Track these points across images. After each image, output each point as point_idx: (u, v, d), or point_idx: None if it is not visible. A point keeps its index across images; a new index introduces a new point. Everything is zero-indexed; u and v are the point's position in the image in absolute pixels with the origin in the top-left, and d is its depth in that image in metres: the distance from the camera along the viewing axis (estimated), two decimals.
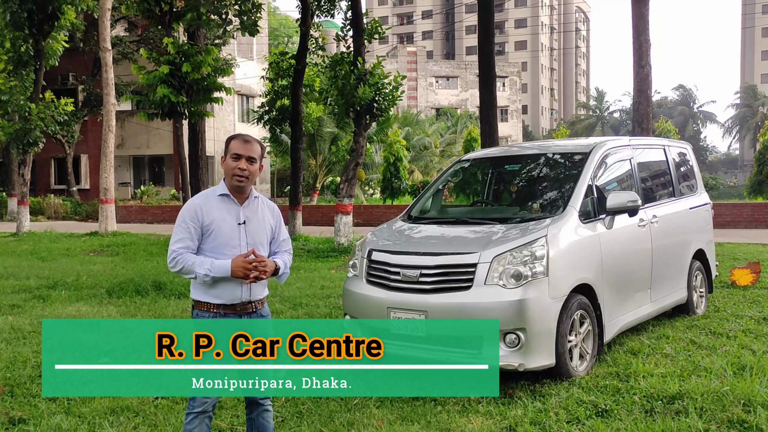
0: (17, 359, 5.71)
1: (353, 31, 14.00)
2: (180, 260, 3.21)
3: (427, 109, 57.23)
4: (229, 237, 3.26)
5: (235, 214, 3.30)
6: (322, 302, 8.10)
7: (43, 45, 19.24)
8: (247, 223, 3.31)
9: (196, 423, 3.26)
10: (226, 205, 3.30)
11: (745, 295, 7.93)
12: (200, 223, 3.25)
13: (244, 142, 3.29)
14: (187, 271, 3.21)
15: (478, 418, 4.29)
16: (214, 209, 3.28)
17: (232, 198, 3.32)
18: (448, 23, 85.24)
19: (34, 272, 10.99)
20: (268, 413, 3.46)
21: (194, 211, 3.26)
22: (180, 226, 3.27)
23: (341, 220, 13.83)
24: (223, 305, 3.25)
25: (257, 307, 3.34)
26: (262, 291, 3.37)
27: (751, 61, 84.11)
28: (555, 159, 6.26)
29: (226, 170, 3.28)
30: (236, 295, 3.25)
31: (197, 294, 3.29)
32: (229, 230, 3.26)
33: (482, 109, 13.12)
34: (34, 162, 22.13)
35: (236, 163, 3.25)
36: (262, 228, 3.36)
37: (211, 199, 3.31)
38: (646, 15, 11.78)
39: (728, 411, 4.17)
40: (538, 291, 4.75)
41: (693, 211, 7.16)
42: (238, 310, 3.27)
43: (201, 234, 3.26)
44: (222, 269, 3.17)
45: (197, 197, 3.36)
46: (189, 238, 3.24)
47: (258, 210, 3.38)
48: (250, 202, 3.36)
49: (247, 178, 3.27)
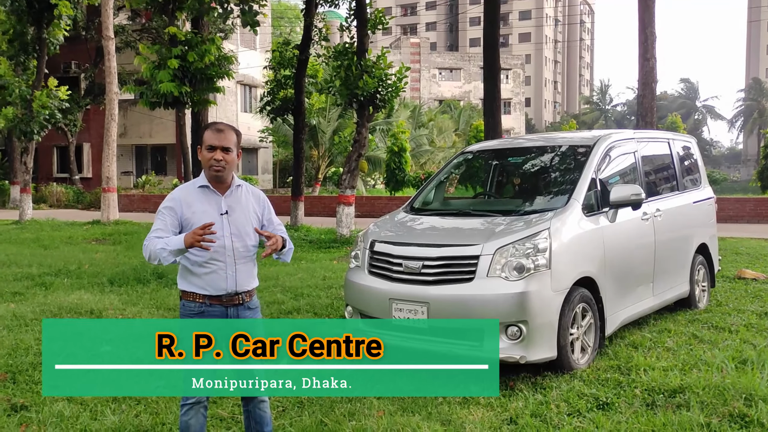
0: (19, 346, 5.72)
1: (357, 22, 13.94)
2: (148, 245, 3.18)
3: (430, 101, 57.07)
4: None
5: (216, 204, 3.26)
6: (323, 293, 8.10)
7: (45, 33, 19.18)
8: (230, 212, 3.26)
9: (191, 414, 3.26)
10: (207, 197, 3.27)
11: (747, 290, 7.92)
12: (178, 215, 3.22)
13: (217, 131, 3.23)
14: (153, 253, 3.14)
15: (479, 409, 4.29)
16: (195, 201, 3.25)
17: (212, 189, 3.28)
18: (452, 14, 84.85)
19: (36, 260, 11.00)
20: (264, 404, 3.45)
21: (172, 203, 3.24)
22: (158, 218, 3.25)
23: (343, 211, 13.83)
24: (208, 296, 3.22)
25: (244, 299, 3.29)
26: (250, 282, 3.32)
27: (756, 55, 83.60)
28: (559, 152, 6.23)
29: (203, 162, 3.23)
30: (221, 285, 3.22)
31: (183, 284, 3.28)
32: (211, 221, 3.20)
33: (486, 101, 13.06)
34: (37, 150, 22.13)
35: (211, 154, 3.21)
36: (246, 217, 3.31)
37: (192, 192, 3.28)
38: (652, 7, 11.69)
39: (729, 405, 4.17)
40: (541, 284, 4.74)
41: (696, 205, 7.14)
42: (224, 301, 3.24)
43: (180, 226, 3.22)
44: (176, 242, 3.09)
45: (178, 190, 3.33)
46: (163, 230, 3.20)
47: (242, 198, 3.33)
48: (232, 191, 3.31)
49: (224, 168, 3.23)
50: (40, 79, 19.40)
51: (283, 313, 7.03)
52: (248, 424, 3.49)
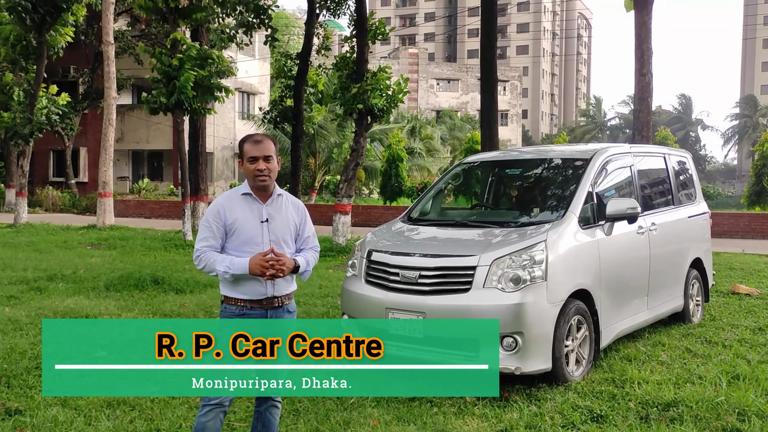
0: (14, 350, 5.71)
1: (357, 32, 14.03)
2: (203, 258, 3.32)
3: (428, 111, 57.27)
4: (252, 235, 3.32)
5: (257, 212, 3.37)
6: (319, 301, 8.10)
7: (46, 37, 19.22)
8: (270, 220, 3.37)
9: (210, 416, 3.28)
10: (249, 204, 3.37)
11: (741, 305, 7.96)
12: (223, 222, 3.33)
13: (256, 143, 3.35)
14: (210, 268, 3.30)
15: (474, 420, 4.31)
16: (237, 208, 3.35)
17: (254, 197, 3.39)
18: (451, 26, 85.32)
19: (31, 264, 10.97)
20: (275, 409, 3.50)
21: (217, 211, 3.35)
22: (203, 226, 3.37)
23: (340, 219, 13.84)
24: (249, 300, 3.32)
25: (283, 302, 3.40)
26: (288, 287, 3.42)
27: (752, 72, 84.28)
28: (556, 164, 6.28)
29: (247, 173, 3.36)
30: (260, 290, 3.32)
31: (225, 290, 3.37)
32: (252, 228, 3.33)
33: (483, 112, 13.13)
34: (33, 154, 22.10)
35: (254, 165, 3.31)
36: (285, 225, 3.41)
37: (234, 199, 3.38)
38: (648, 23, 11.79)
39: (723, 419, 4.20)
40: (537, 295, 4.77)
41: (691, 219, 7.19)
42: (264, 304, 3.34)
43: (225, 233, 3.34)
44: (240, 266, 3.24)
45: (221, 198, 3.44)
46: (212, 237, 3.33)
47: (282, 207, 3.44)
48: (273, 199, 3.41)
49: (268, 177, 3.33)
50: (39, 83, 19.42)
51: None
52: (255, 426, 3.52)
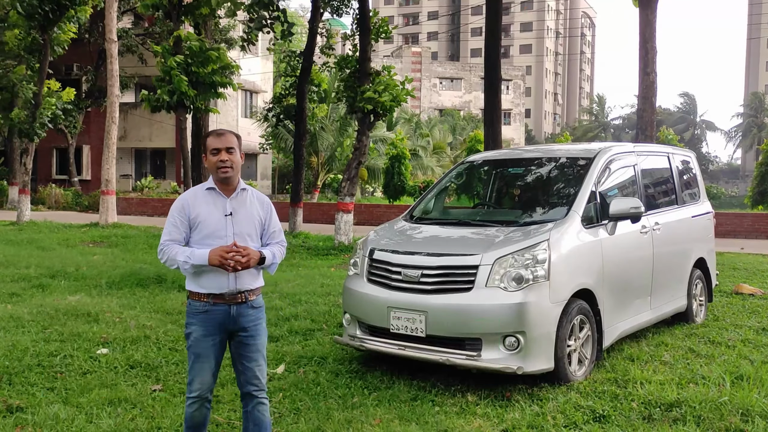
0: (16, 347, 5.70)
1: (360, 30, 14.02)
2: (166, 251, 3.38)
3: (430, 110, 57.22)
4: (216, 228, 3.37)
5: (221, 206, 3.41)
6: (321, 299, 8.09)
7: (50, 34, 19.24)
8: (234, 214, 3.41)
9: (195, 406, 3.42)
10: (213, 198, 3.43)
11: (744, 305, 7.93)
12: (187, 217, 3.40)
13: (219, 135, 3.42)
14: (172, 261, 3.36)
15: (476, 419, 4.29)
16: (201, 203, 3.41)
17: (218, 191, 3.44)
18: (454, 25, 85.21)
19: (33, 261, 10.98)
20: (263, 406, 3.50)
21: (181, 206, 3.42)
22: (168, 221, 3.45)
23: (342, 218, 13.83)
24: (212, 294, 3.36)
25: (248, 297, 3.41)
26: (253, 282, 3.43)
27: (756, 71, 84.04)
28: (559, 163, 6.25)
29: (210, 166, 3.42)
30: (223, 284, 3.35)
31: (189, 285, 3.43)
32: (216, 222, 3.38)
33: (486, 111, 13.10)
34: (36, 152, 22.10)
35: (217, 156, 3.37)
36: (249, 219, 3.45)
37: (199, 194, 3.45)
38: (653, 22, 11.75)
39: (726, 420, 4.17)
40: (539, 295, 4.75)
41: (695, 219, 7.16)
42: (227, 299, 3.37)
43: (189, 227, 3.40)
44: (200, 257, 3.29)
45: (186, 193, 3.51)
46: (176, 231, 3.40)
47: (246, 202, 3.48)
48: (237, 194, 3.46)
49: (231, 168, 3.38)
50: (42, 80, 19.45)
51: (281, 320, 7.02)
52: (246, 427, 3.51)
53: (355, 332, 5.36)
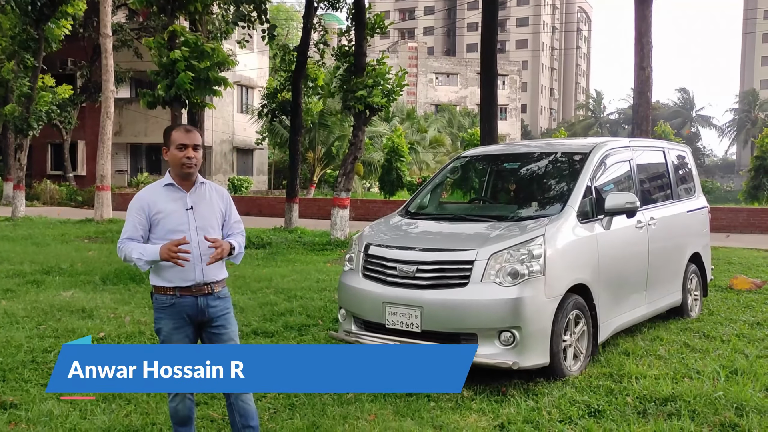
0: (10, 344, 5.68)
1: (355, 25, 13.97)
2: (123, 248, 3.38)
3: (426, 105, 57.15)
4: (178, 223, 3.38)
5: (182, 201, 3.43)
6: (317, 295, 8.08)
7: (44, 29, 19.13)
8: (195, 207, 3.44)
9: (177, 400, 3.45)
10: (172, 194, 3.44)
11: (739, 300, 7.95)
12: (146, 215, 3.39)
13: (187, 131, 3.43)
14: (128, 257, 3.36)
15: (472, 415, 4.29)
16: (161, 200, 3.42)
17: (177, 186, 3.45)
18: (450, 20, 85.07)
19: (28, 257, 10.94)
20: (246, 395, 3.49)
21: (140, 205, 3.42)
22: (127, 219, 3.45)
23: (338, 213, 13.81)
24: (177, 288, 3.37)
25: (213, 288, 3.44)
26: (218, 273, 3.46)
27: (751, 66, 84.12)
28: (555, 158, 6.24)
29: (173, 161, 3.42)
30: (189, 277, 3.36)
31: (153, 279, 3.43)
32: (178, 217, 3.39)
33: (483, 106, 13.07)
34: (31, 147, 22.09)
35: (183, 152, 3.39)
36: (210, 212, 3.48)
37: (157, 191, 3.45)
38: (648, 17, 11.74)
39: (720, 414, 4.18)
40: (535, 290, 4.75)
41: (690, 214, 7.17)
42: (194, 291, 3.39)
43: (149, 225, 3.40)
44: (152, 253, 3.28)
45: (144, 191, 3.51)
46: (134, 230, 3.39)
47: (206, 195, 3.51)
48: (196, 188, 3.49)
49: (194, 165, 3.42)
50: (36, 75, 19.36)
51: (276, 315, 7.01)
52: (233, 419, 3.51)
53: (351, 327, 5.36)
